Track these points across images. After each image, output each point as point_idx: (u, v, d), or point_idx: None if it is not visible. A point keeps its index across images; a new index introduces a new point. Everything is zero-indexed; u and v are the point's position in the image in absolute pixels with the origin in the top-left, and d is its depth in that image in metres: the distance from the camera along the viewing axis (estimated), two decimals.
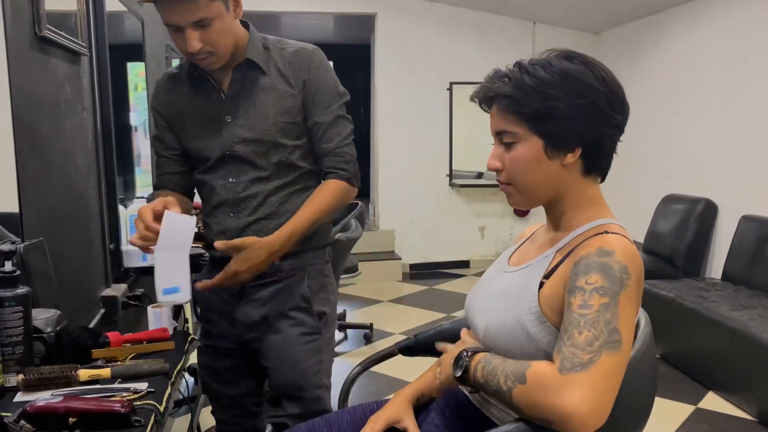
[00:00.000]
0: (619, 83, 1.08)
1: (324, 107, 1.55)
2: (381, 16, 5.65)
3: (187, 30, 1.39)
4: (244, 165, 1.54)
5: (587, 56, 1.08)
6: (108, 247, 2.14)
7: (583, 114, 1.03)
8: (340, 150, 1.57)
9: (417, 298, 5.09)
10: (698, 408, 2.99)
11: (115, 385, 1.16)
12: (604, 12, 5.31)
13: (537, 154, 1.06)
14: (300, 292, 1.58)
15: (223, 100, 1.54)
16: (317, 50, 1.59)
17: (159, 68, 3.23)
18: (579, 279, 0.98)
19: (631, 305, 0.97)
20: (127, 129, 2.78)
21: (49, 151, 1.66)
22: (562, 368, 0.91)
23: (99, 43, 2.09)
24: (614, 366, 0.91)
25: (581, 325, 0.93)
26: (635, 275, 0.98)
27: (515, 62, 1.08)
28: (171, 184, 1.66)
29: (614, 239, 1.01)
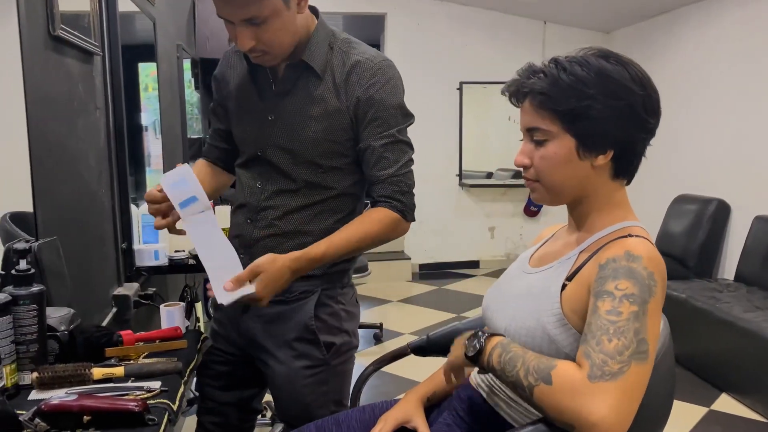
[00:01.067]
0: (655, 86, 1.06)
1: (381, 129, 1.36)
2: (391, 15, 5.64)
3: (238, 27, 1.26)
4: (274, 172, 1.42)
5: (623, 56, 1.06)
6: (120, 246, 2.15)
7: (619, 116, 1.02)
8: (397, 179, 1.38)
9: (427, 298, 5.09)
10: (711, 410, 2.97)
11: (129, 384, 1.16)
12: (614, 11, 5.28)
13: (569, 154, 1.05)
14: (305, 322, 1.42)
15: (272, 95, 1.41)
16: (384, 63, 1.38)
17: (170, 68, 3.24)
18: (608, 283, 0.96)
19: (657, 314, 0.97)
20: (137, 129, 2.79)
21: (62, 151, 1.67)
22: (592, 375, 0.90)
23: (111, 42, 2.09)
24: (641, 377, 0.92)
25: (611, 332, 0.92)
26: (661, 282, 0.98)
27: (551, 58, 1.07)
28: (213, 157, 1.60)
29: (640, 244, 1.00)
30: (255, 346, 1.48)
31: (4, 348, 1.09)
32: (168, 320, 1.50)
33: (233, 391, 1.57)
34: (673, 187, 4.56)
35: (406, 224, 1.42)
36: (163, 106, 2.98)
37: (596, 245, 1.06)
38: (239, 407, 1.58)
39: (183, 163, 1.30)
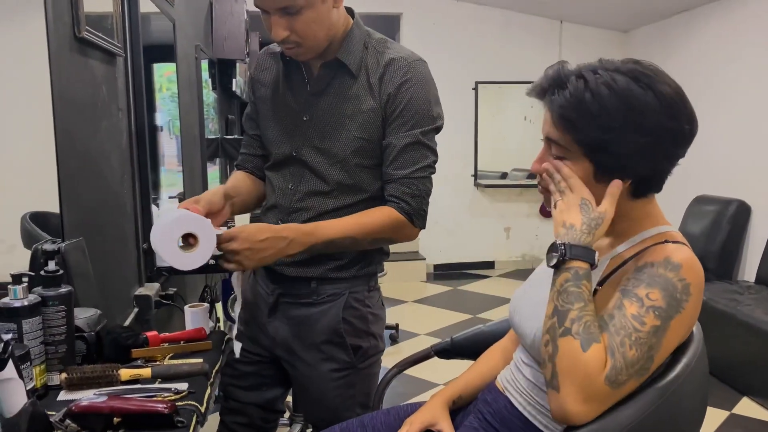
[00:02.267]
0: (690, 109, 1.00)
1: (405, 128, 1.34)
2: (406, 15, 5.63)
3: (273, 16, 1.26)
4: (307, 173, 1.41)
5: (656, 76, 0.98)
6: (141, 247, 2.16)
7: (642, 152, 0.97)
8: (410, 180, 1.35)
9: (441, 298, 5.07)
10: (733, 413, 2.94)
11: (157, 385, 1.16)
12: (632, 10, 5.24)
13: (585, 176, 1.01)
14: (333, 325, 1.41)
15: (307, 95, 1.40)
16: (418, 62, 1.37)
17: (189, 69, 3.26)
18: (640, 288, 0.95)
19: (680, 329, 0.97)
20: (153, 129, 2.81)
21: (86, 152, 1.68)
22: (608, 378, 0.92)
23: (133, 43, 2.10)
24: (630, 390, 0.95)
25: (633, 339, 0.93)
26: (696, 294, 0.96)
27: (579, 72, 1.00)
28: (251, 166, 1.57)
29: (679, 251, 0.98)
30: (282, 347, 1.47)
31: (35, 349, 1.09)
32: (193, 321, 1.51)
33: (257, 391, 1.56)
34: (693, 187, 4.51)
35: (413, 229, 1.40)
36: (182, 106, 2.99)
37: (630, 252, 1.04)
38: (263, 408, 1.58)
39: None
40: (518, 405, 1.16)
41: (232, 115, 5.17)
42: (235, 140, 4.19)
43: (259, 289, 1.51)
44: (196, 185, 3.33)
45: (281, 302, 1.46)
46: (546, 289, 1.14)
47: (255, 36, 5.57)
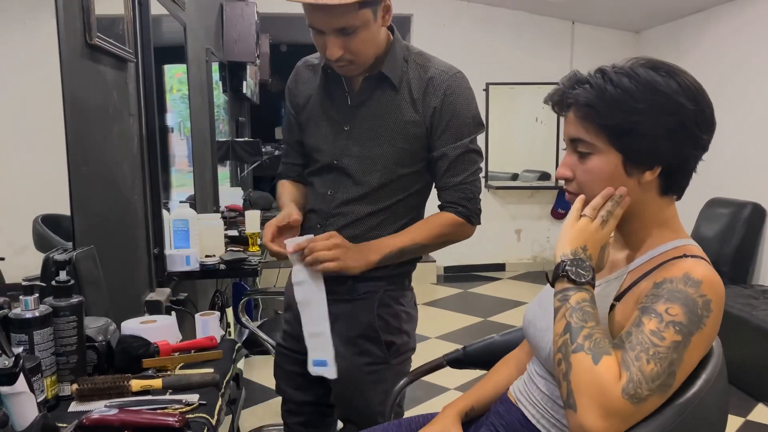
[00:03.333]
0: (709, 99, 1.01)
1: (455, 138, 1.42)
2: (417, 17, 5.61)
3: (330, 36, 1.31)
4: (346, 180, 1.46)
5: (674, 66, 1.00)
6: (152, 252, 2.16)
7: (668, 133, 0.97)
8: (464, 186, 1.45)
9: (452, 301, 5.05)
10: (748, 420, 2.90)
11: (167, 397, 1.15)
12: (645, 11, 5.19)
13: (614, 169, 1.00)
14: (368, 320, 1.47)
15: (348, 107, 1.46)
16: (458, 75, 1.45)
17: (200, 71, 3.26)
18: (660, 303, 0.93)
19: (701, 346, 0.94)
20: (164, 130, 2.82)
21: (98, 158, 1.68)
22: (625, 390, 0.88)
23: (144, 48, 2.10)
24: (654, 407, 0.92)
25: (650, 354, 0.90)
26: (716, 310, 0.94)
27: (597, 68, 1.02)
28: (294, 174, 1.63)
29: (699, 266, 0.96)
30: None
31: (46, 360, 1.09)
32: (203, 329, 1.50)
33: (308, 390, 1.59)
34: (706, 190, 4.46)
35: (470, 227, 1.51)
36: (192, 109, 2.99)
37: (648, 266, 1.02)
38: (317, 405, 1.62)
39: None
40: (531, 418, 1.14)
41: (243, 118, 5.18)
42: (245, 142, 4.20)
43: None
44: (206, 187, 3.33)
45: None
46: None
47: (265, 38, 5.58)
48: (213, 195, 3.48)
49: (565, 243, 1.01)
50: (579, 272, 0.97)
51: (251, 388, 3.30)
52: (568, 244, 1.01)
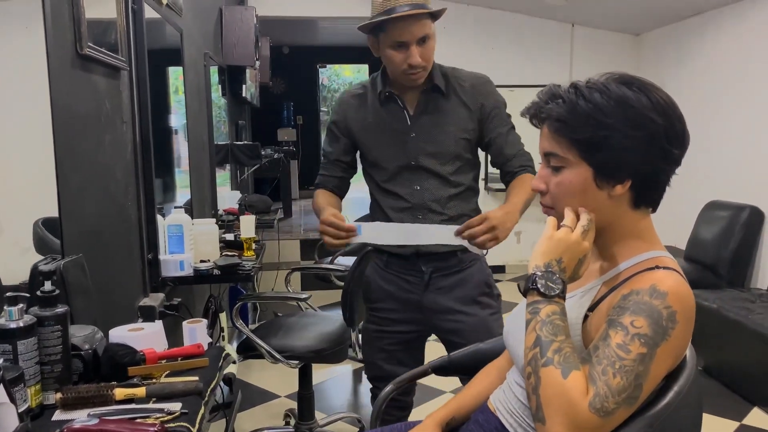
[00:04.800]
0: (680, 114, 1.02)
1: (502, 122, 1.82)
2: None
3: (413, 46, 1.65)
4: (427, 174, 1.79)
5: (646, 82, 1.02)
6: (146, 257, 2.18)
7: (638, 147, 0.99)
8: (523, 152, 1.83)
9: None
10: (743, 424, 2.90)
11: (150, 405, 1.17)
12: (644, 13, 5.19)
13: (585, 182, 1.02)
14: (483, 279, 1.86)
15: (409, 119, 1.80)
16: (486, 77, 1.86)
17: (197, 77, 3.28)
18: (625, 316, 0.94)
19: (668, 357, 0.95)
20: (167, 132, 2.84)
21: (89, 166, 1.70)
22: (592, 405, 0.90)
23: (138, 55, 2.12)
24: (622, 420, 0.93)
25: (617, 368, 0.91)
26: (683, 321, 0.95)
27: (571, 83, 1.04)
28: (331, 185, 1.95)
29: (668, 278, 0.97)
30: (443, 312, 1.84)
31: (29, 369, 1.10)
32: (190, 337, 1.52)
33: (408, 363, 1.90)
34: (705, 193, 4.46)
35: None
36: (189, 114, 3.02)
37: (621, 276, 1.03)
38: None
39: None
40: (509, 426, 1.15)
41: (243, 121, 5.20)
42: (245, 146, 4.22)
43: (401, 279, 1.86)
44: (204, 191, 3.35)
45: (434, 277, 1.83)
46: None
47: (266, 41, 5.60)
48: (211, 198, 3.50)
49: (539, 255, 1.02)
50: (549, 285, 0.98)
51: (249, 391, 3.32)
52: (541, 256, 1.02)
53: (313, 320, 2.69)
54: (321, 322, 2.64)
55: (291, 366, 2.42)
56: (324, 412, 3.02)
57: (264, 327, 2.66)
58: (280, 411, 3.01)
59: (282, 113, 9.49)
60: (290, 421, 2.80)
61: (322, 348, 2.41)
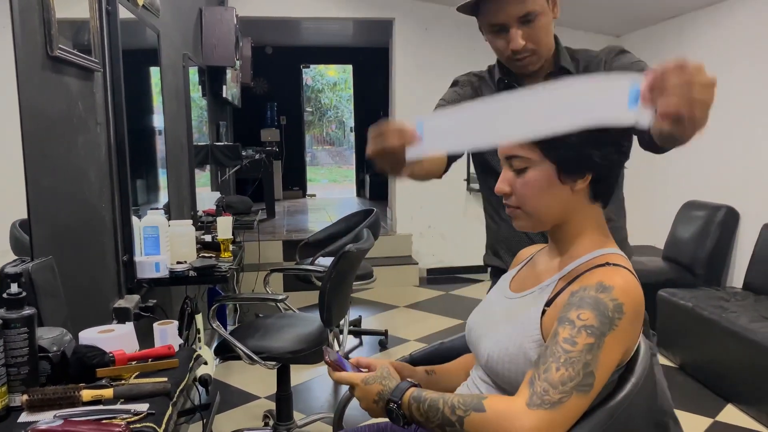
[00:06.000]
0: None
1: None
2: (399, 21, 5.64)
3: (512, 27, 1.38)
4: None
5: None
6: (121, 259, 2.17)
7: (596, 141, 1.04)
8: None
9: (433, 303, 5.08)
10: (717, 421, 2.94)
11: (117, 407, 1.17)
12: (624, 15, 5.24)
13: (549, 179, 1.06)
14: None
15: None
16: (620, 48, 1.55)
17: (176, 78, 3.27)
18: (572, 311, 0.98)
19: (617, 346, 0.98)
20: (150, 132, 2.83)
21: (61, 169, 1.69)
22: (530, 403, 0.93)
23: (113, 57, 2.12)
24: (578, 408, 0.95)
25: (561, 361, 0.94)
26: (630, 313, 0.98)
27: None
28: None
29: (615, 274, 1.01)
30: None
31: None
32: (161, 338, 1.52)
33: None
34: (682, 193, 4.52)
35: None
36: (167, 115, 3.01)
37: (575, 272, 1.07)
38: None
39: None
40: None
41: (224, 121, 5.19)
42: (225, 146, 4.22)
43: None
44: (183, 192, 3.35)
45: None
46: (501, 310, 1.16)
47: (247, 42, 5.60)
48: (190, 199, 3.50)
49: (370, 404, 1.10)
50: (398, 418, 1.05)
51: (228, 392, 3.31)
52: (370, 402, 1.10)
53: (292, 321, 2.69)
54: (299, 323, 2.65)
55: (268, 367, 2.43)
56: (304, 412, 3.03)
57: (242, 328, 2.67)
58: (260, 412, 3.02)
59: (265, 113, 9.47)
60: (269, 422, 2.81)
61: (299, 349, 2.42)
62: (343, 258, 2.41)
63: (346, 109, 15.76)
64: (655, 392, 1.13)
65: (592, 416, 0.99)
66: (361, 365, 1.22)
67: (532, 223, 1.12)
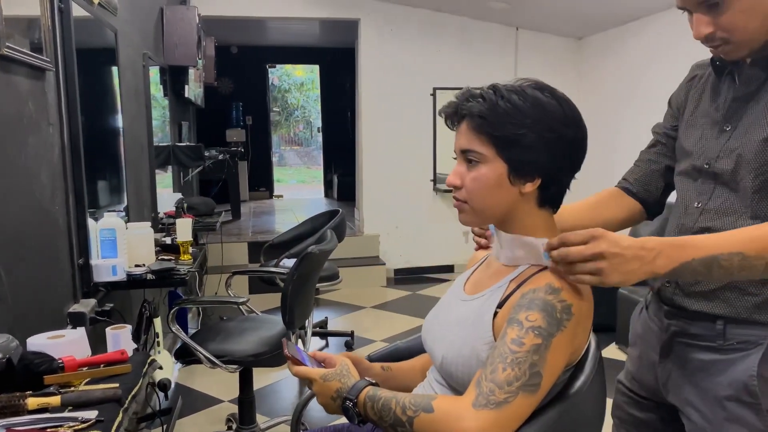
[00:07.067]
0: (584, 124, 1.10)
1: None
2: (364, 21, 5.64)
3: (695, 13, 1.14)
4: (719, 188, 1.19)
5: (557, 91, 1.10)
6: (77, 263, 2.12)
7: (549, 147, 1.05)
8: None
9: (400, 303, 5.09)
10: None
11: (64, 415, 1.14)
12: (586, 18, 5.33)
13: (499, 178, 1.07)
14: (743, 380, 1.14)
15: (732, 102, 1.20)
16: None
17: (135, 77, 3.21)
18: (521, 312, 0.99)
19: (565, 346, 0.99)
20: (111, 132, 2.77)
21: (9, 170, 1.65)
22: (476, 403, 0.94)
23: (66, 55, 2.07)
24: (525, 408, 0.95)
25: (508, 362, 0.95)
26: (579, 314, 0.99)
27: (490, 85, 1.10)
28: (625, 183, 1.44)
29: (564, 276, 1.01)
30: (675, 394, 1.26)
31: None
32: (114, 343, 1.49)
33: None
34: None
35: None
36: (126, 115, 2.95)
37: (525, 274, 1.08)
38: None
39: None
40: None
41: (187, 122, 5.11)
42: (187, 147, 4.16)
43: (652, 325, 1.31)
44: (143, 195, 3.29)
45: (676, 342, 1.25)
46: (455, 312, 1.16)
47: (210, 41, 5.53)
48: (150, 201, 3.44)
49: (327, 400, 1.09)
50: (354, 417, 1.05)
51: (192, 396, 3.27)
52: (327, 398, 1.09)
53: (254, 324, 2.67)
54: (262, 326, 2.63)
55: (229, 371, 2.40)
56: (268, 415, 3.01)
57: (203, 331, 2.63)
58: (223, 416, 2.99)
59: (231, 114, 9.37)
60: (233, 426, 2.78)
61: (261, 352, 2.40)
62: (305, 260, 2.40)
63: (313, 110, 15.71)
64: (604, 388, 1.14)
65: (541, 416, 1.00)
66: (318, 359, 1.21)
67: (476, 219, 1.14)
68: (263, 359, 2.40)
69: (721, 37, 1.13)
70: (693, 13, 1.15)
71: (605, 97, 5.47)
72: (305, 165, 16.88)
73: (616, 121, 5.25)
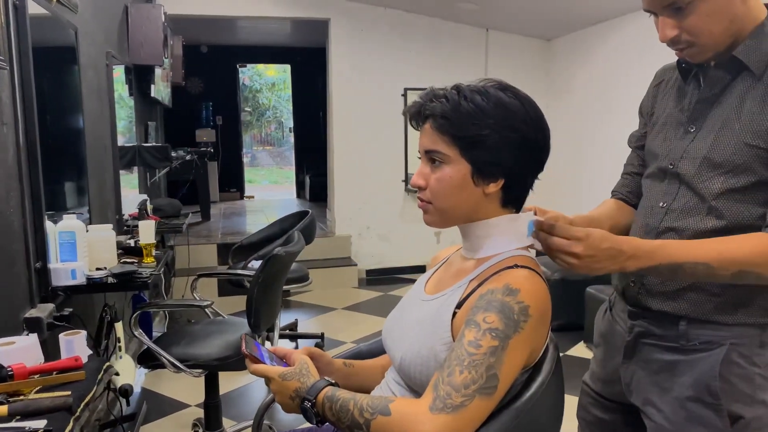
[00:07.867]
0: (547, 124, 1.10)
1: None
2: (335, 21, 5.61)
3: (660, 16, 1.15)
4: (683, 189, 1.20)
5: (519, 91, 1.10)
6: (34, 266, 2.07)
7: (512, 148, 1.05)
8: None
9: (372, 305, 5.08)
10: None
11: (11, 425, 1.11)
12: (555, 19, 5.38)
13: (463, 179, 1.07)
14: (705, 381, 1.16)
15: (696, 104, 1.22)
16: None
17: (98, 76, 3.15)
18: (478, 313, 0.99)
19: (522, 348, 0.99)
20: (77, 133, 2.71)
21: None
22: (433, 407, 0.93)
23: (22, 53, 2.01)
24: (482, 411, 0.95)
25: (465, 364, 0.94)
26: (537, 315, 0.99)
27: (453, 85, 1.09)
28: (625, 191, 1.45)
29: (522, 276, 1.02)
30: (638, 395, 1.27)
31: None
32: (67, 349, 1.45)
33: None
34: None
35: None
36: (88, 115, 2.89)
37: (485, 274, 1.07)
38: None
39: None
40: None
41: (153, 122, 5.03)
42: (153, 148, 4.09)
43: (616, 326, 1.33)
44: (107, 196, 3.22)
45: (640, 343, 1.26)
46: (415, 312, 1.15)
47: (178, 40, 5.45)
48: (114, 202, 3.37)
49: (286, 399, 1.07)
50: (312, 416, 1.03)
51: (157, 401, 3.21)
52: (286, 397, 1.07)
53: (220, 327, 2.63)
54: (228, 329, 2.59)
55: (194, 375, 2.36)
56: (235, 419, 2.97)
57: (168, 335, 2.59)
58: (189, 420, 2.94)
59: (200, 113, 9.26)
60: (199, 430, 2.74)
61: (226, 356, 2.37)
62: (270, 262, 2.37)
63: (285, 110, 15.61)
64: (563, 390, 1.14)
65: (497, 417, 0.99)
66: (279, 355, 1.19)
67: (441, 220, 1.13)
68: (229, 363, 2.37)
69: (686, 40, 1.14)
70: (659, 16, 1.16)
71: (575, 96, 5.53)
72: (278, 165, 16.78)
73: (585, 121, 5.31)
